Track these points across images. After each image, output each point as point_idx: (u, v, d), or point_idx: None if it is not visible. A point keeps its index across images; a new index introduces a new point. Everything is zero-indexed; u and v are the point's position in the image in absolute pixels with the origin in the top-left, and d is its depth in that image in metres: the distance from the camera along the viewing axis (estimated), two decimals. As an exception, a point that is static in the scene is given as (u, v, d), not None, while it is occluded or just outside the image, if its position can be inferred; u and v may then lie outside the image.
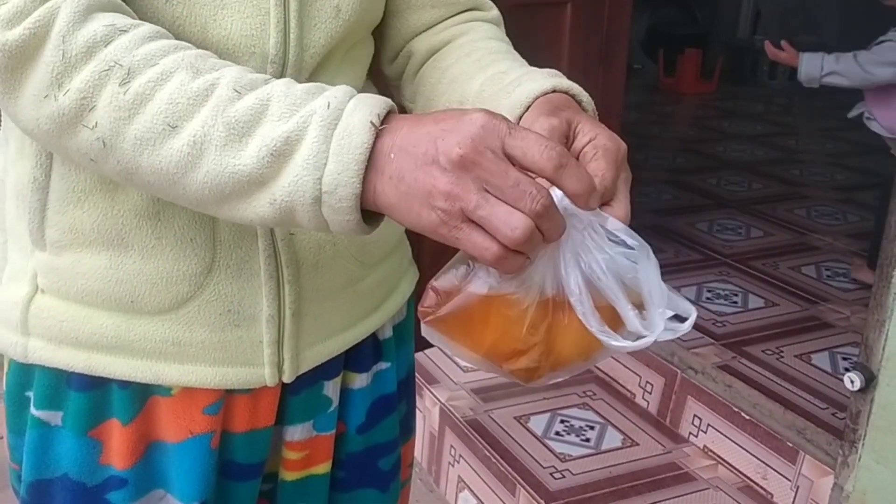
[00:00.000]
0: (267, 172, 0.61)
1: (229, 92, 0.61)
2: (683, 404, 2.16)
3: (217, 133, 0.61)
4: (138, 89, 0.61)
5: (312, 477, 0.92)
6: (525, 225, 0.56)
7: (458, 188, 0.56)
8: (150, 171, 0.63)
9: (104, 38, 0.62)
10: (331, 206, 0.60)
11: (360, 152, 0.59)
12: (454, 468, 2.18)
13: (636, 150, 4.17)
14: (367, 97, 0.62)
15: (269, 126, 0.61)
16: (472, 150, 0.56)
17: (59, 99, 0.62)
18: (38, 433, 0.81)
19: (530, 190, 0.56)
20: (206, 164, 0.62)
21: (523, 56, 2.30)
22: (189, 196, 0.64)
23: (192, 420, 0.81)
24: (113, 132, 0.62)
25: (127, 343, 0.78)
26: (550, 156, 0.57)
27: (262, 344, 0.81)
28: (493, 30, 0.90)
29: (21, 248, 0.80)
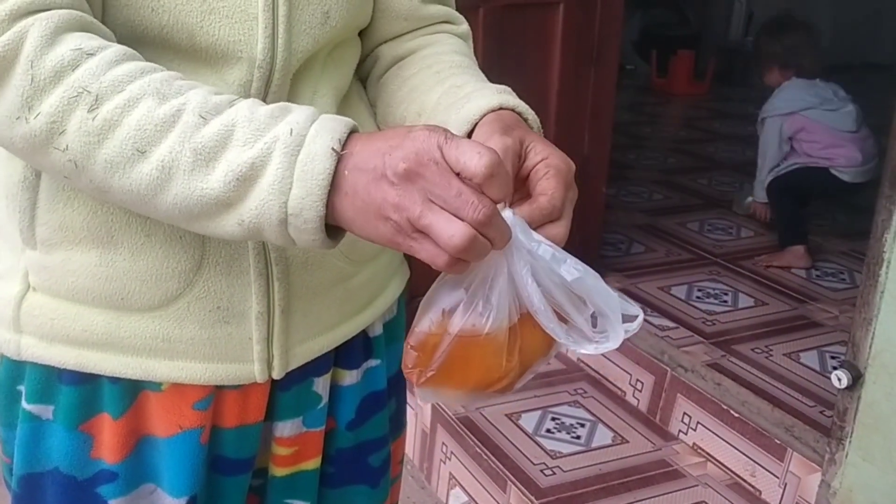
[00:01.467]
0: (234, 196, 0.63)
1: (195, 118, 0.63)
2: (673, 402, 2.18)
3: (185, 158, 0.63)
4: (106, 115, 0.63)
5: (302, 473, 0.93)
6: (463, 233, 0.58)
7: (405, 200, 0.59)
8: (121, 192, 0.66)
9: (71, 63, 0.63)
10: (296, 227, 0.63)
11: (322, 178, 0.62)
12: (446, 465, 2.19)
13: (628, 150, 4.19)
14: (328, 120, 0.64)
15: (235, 151, 0.63)
16: (416, 163, 0.59)
17: (30, 122, 0.64)
18: (30, 427, 0.82)
19: (472, 199, 0.58)
20: (174, 188, 0.64)
21: (514, 57, 2.32)
22: (160, 214, 0.67)
23: (181, 415, 0.82)
24: (83, 155, 0.64)
25: (117, 340, 0.79)
26: (481, 163, 0.59)
27: (251, 341, 0.82)
28: (459, 44, 0.91)
29: (12, 247, 0.80)
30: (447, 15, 0.92)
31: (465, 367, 0.65)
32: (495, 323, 0.63)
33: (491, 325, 0.63)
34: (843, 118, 2.83)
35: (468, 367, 0.65)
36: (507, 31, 2.12)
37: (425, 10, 0.89)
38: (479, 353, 0.64)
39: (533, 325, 0.64)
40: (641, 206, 3.44)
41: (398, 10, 0.88)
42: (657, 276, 2.74)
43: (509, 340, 0.64)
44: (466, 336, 0.64)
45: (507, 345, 0.63)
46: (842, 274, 2.84)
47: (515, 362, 0.64)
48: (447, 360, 0.64)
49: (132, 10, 0.71)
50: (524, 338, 0.64)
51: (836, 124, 2.83)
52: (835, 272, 2.85)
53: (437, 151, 0.59)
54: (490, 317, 0.63)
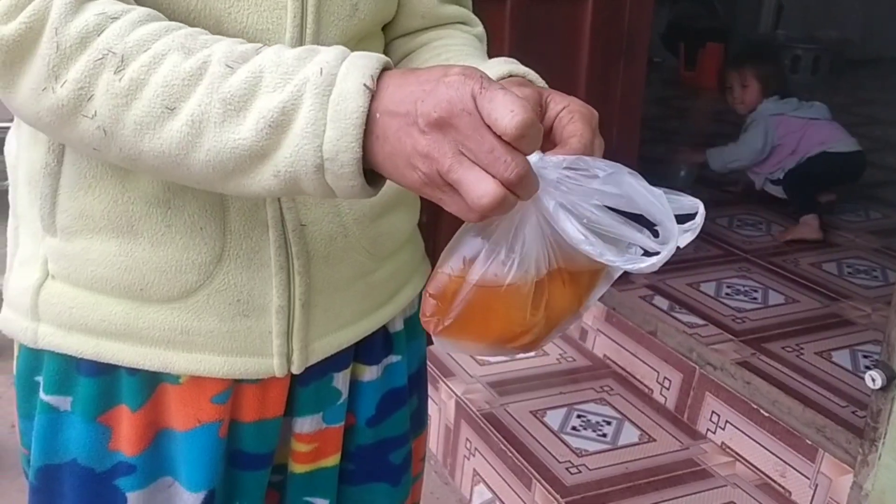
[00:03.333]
0: (267, 144, 0.60)
1: (221, 68, 0.61)
2: (701, 400, 2.14)
3: (214, 110, 0.61)
4: (132, 75, 0.61)
5: (322, 470, 0.91)
6: (493, 193, 0.55)
7: (435, 150, 0.56)
8: (153, 155, 0.63)
9: (96, 28, 0.62)
10: (334, 173, 0.60)
11: (356, 116, 0.59)
12: (469, 461, 2.17)
13: (655, 145, 4.14)
14: (359, 57, 0.61)
15: (265, 98, 0.60)
16: (448, 113, 0.56)
17: (57, 91, 0.62)
18: (48, 418, 0.81)
19: (504, 157, 0.55)
20: (206, 143, 0.61)
21: (541, 51, 2.29)
22: (194, 176, 0.64)
23: (200, 408, 0.81)
24: (112, 119, 0.62)
25: (136, 330, 0.78)
26: (514, 121, 0.55)
27: (271, 334, 0.80)
28: (471, 39, 0.90)
29: (32, 234, 0.80)
30: (463, 16, 0.92)
31: (485, 317, 0.62)
32: (518, 273, 0.60)
33: (514, 276, 0.61)
34: (817, 110, 3.23)
35: (489, 319, 0.62)
36: (534, 24, 2.09)
37: (443, 9, 0.89)
38: (500, 304, 0.61)
39: (562, 281, 0.62)
40: (669, 201, 3.39)
41: (417, 7, 0.88)
42: (686, 272, 2.70)
43: (535, 294, 0.61)
44: (487, 285, 0.61)
45: (531, 298, 0.61)
46: (874, 271, 2.78)
47: (541, 317, 0.61)
48: (466, 309, 0.62)
49: None
50: (552, 293, 0.62)
51: (813, 115, 3.22)
52: (867, 269, 2.80)
53: (470, 101, 0.56)
54: (513, 266, 0.61)
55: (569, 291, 0.62)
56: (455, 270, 0.62)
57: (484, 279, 0.61)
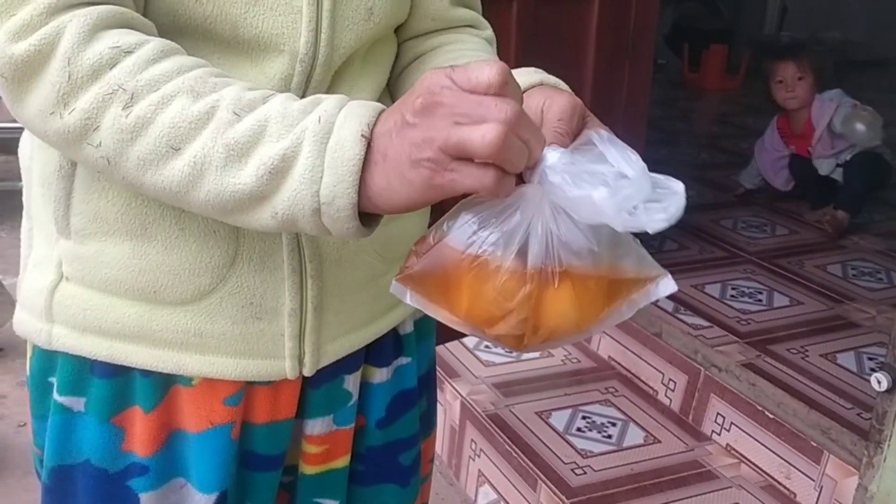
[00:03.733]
0: (266, 189, 0.62)
1: (229, 115, 0.63)
2: (706, 402, 2.14)
3: (217, 154, 0.63)
4: (140, 113, 0.63)
5: (332, 471, 0.92)
6: (495, 130, 0.56)
7: (429, 130, 0.58)
8: (154, 188, 0.65)
9: (109, 61, 0.63)
10: (330, 216, 0.62)
11: (353, 164, 0.61)
12: (475, 462, 2.17)
13: (660, 146, 4.14)
14: (357, 106, 0.63)
15: (267, 146, 0.62)
16: (429, 94, 0.58)
17: (65, 117, 0.63)
18: (61, 419, 0.82)
19: (494, 101, 0.56)
20: (207, 184, 0.63)
21: (548, 51, 2.29)
22: (194, 209, 0.67)
23: (212, 410, 0.82)
24: (116, 152, 0.64)
25: (149, 333, 0.78)
26: (490, 71, 0.57)
27: (283, 337, 0.81)
28: (482, 43, 0.91)
29: (46, 236, 0.80)
30: (473, 19, 0.92)
31: (457, 288, 0.62)
32: (484, 247, 0.61)
33: (477, 248, 0.61)
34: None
35: (460, 290, 0.62)
36: (540, 24, 2.09)
37: (453, 12, 0.89)
38: (469, 276, 0.61)
39: (560, 288, 0.61)
40: (674, 202, 3.39)
41: (427, 9, 0.88)
42: (690, 273, 2.70)
43: (512, 281, 0.60)
44: (450, 248, 0.62)
45: (505, 281, 0.60)
46: (879, 273, 2.79)
47: (515, 308, 0.61)
48: (437, 270, 0.62)
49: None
50: (544, 295, 0.61)
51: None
52: (871, 272, 2.80)
53: (446, 80, 0.58)
54: (481, 240, 0.61)
55: (566, 298, 0.61)
56: (437, 233, 0.63)
57: (450, 241, 0.62)
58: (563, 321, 0.63)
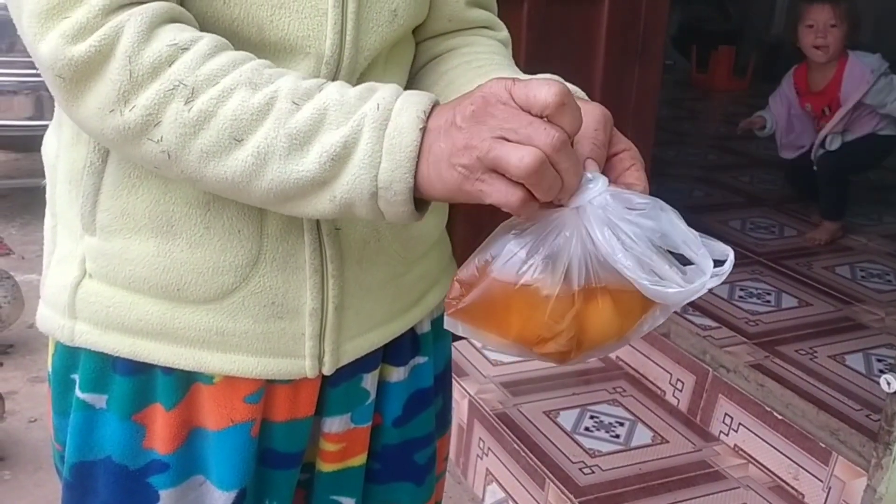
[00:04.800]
0: (328, 175, 0.65)
1: (288, 104, 0.65)
2: (714, 403, 2.15)
3: (280, 144, 0.65)
4: (202, 107, 0.64)
5: (349, 469, 0.93)
6: (534, 154, 0.58)
7: (473, 138, 0.60)
8: (215, 180, 0.67)
9: (168, 58, 0.64)
10: (387, 200, 0.65)
11: (410, 149, 0.63)
12: (482, 461, 2.18)
13: (667, 147, 4.15)
14: (412, 95, 0.65)
15: (328, 133, 0.65)
16: (483, 104, 0.60)
17: (125, 114, 0.65)
18: (83, 415, 0.83)
19: (544, 125, 0.58)
20: (270, 173, 0.65)
21: (558, 52, 2.30)
22: (253, 199, 0.69)
23: (233, 408, 0.82)
24: (178, 146, 0.66)
25: (171, 330, 0.79)
26: (551, 92, 0.59)
27: (304, 336, 0.82)
28: (497, 46, 0.92)
29: (71, 233, 0.81)
30: (488, 20, 0.93)
31: (506, 314, 0.65)
32: (538, 276, 0.63)
33: (531, 277, 0.63)
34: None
35: (510, 316, 0.64)
36: (551, 25, 2.10)
37: (469, 13, 0.90)
38: (518, 302, 0.63)
39: (601, 300, 0.63)
40: (682, 203, 3.36)
41: (444, 10, 0.89)
42: (698, 274, 2.70)
43: (561, 303, 0.62)
44: (502, 280, 0.64)
45: (554, 305, 0.62)
46: (888, 275, 2.79)
47: (566, 328, 0.63)
48: (486, 301, 0.64)
49: (205, 1, 0.72)
50: (587, 308, 0.63)
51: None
52: (880, 273, 2.80)
53: (504, 93, 0.60)
54: (530, 269, 0.63)
55: (607, 312, 0.64)
56: (480, 262, 0.65)
57: (500, 273, 0.64)
58: (604, 334, 0.65)
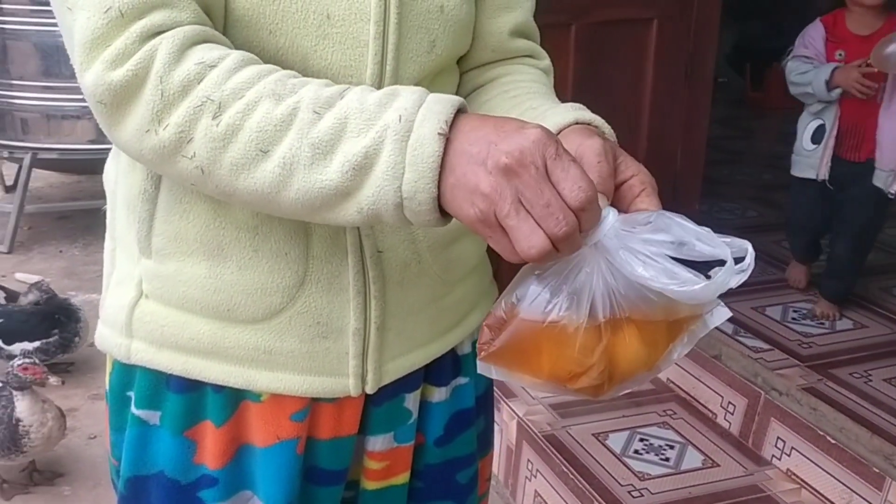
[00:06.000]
0: (351, 185, 0.66)
1: (310, 114, 0.66)
2: (767, 426, 2.12)
3: (304, 154, 0.66)
4: (229, 121, 0.67)
5: (392, 487, 0.95)
6: (541, 246, 0.60)
7: (496, 193, 0.61)
8: (247, 192, 0.69)
9: (197, 76, 0.67)
10: (412, 210, 0.65)
11: (432, 160, 0.64)
12: (531, 482, 2.18)
13: (720, 166, 4.11)
14: (435, 103, 0.66)
15: (350, 143, 0.66)
16: (517, 162, 0.60)
17: (160, 133, 0.68)
18: (138, 431, 0.86)
19: (558, 215, 0.60)
20: (296, 183, 0.67)
21: (606, 73, 2.30)
22: (284, 210, 0.70)
23: (279, 426, 0.85)
24: (210, 160, 0.68)
25: (222, 349, 0.82)
26: (579, 197, 0.60)
27: (347, 356, 0.84)
28: (538, 74, 0.93)
29: (129, 255, 0.85)
30: (531, 49, 0.94)
31: (537, 354, 0.66)
32: (563, 313, 0.64)
33: (557, 315, 0.64)
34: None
35: (540, 355, 0.66)
36: (598, 47, 2.12)
37: (512, 43, 0.92)
38: (548, 341, 0.65)
39: (628, 331, 0.65)
40: (734, 223, 3.36)
41: (488, 41, 0.90)
42: (751, 295, 2.67)
43: (589, 337, 0.64)
44: (529, 319, 0.65)
45: (583, 340, 0.64)
46: (947, 297, 2.72)
47: (596, 362, 0.64)
48: (516, 342, 0.65)
49: (251, 31, 0.75)
50: (615, 341, 0.64)
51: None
52: (940, 295, 2.73)
53: (540, 159, 0.61)
54: (556, 306, 0.64)
55: (635, 342, 0.65)
56: (507, 305, 0.67)
57: (527, 314, 0.65)
58: (634, 365, 0.66)
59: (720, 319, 0.66)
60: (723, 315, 0.66)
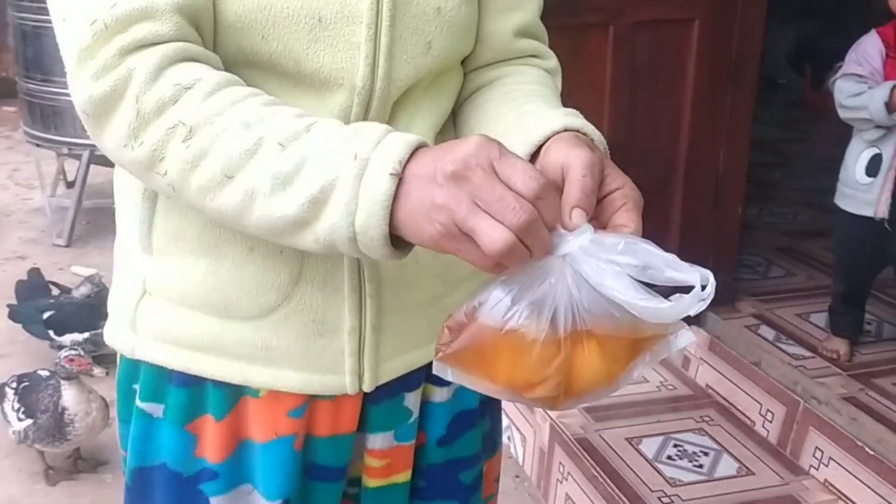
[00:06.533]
0: (308, 216, 0.67)
1: (274, 146, 0.68)
2: (805, 435, 2.08)
3: (265, 183, 0.68)
4: (198, 144, 0.69)
5: (393, 485, 0.95)
6: (505, 238, 0.59)
7: (451, 201, 0.61)
8: (215, 213, 0.72)
9: (171, 98, 0.69)
10: (365, 244, 0.67)
11: (383, 199, 0.65)
12: (562, 485, 2.17)
13: (773, 169, 4.03)
14: (392, 143, 0.66)
15: (308, 177, 0.67)
16: (464, 167, 0.61)
17: (136, 150, 0.71)
18: (142, 423, 0.88)
19: (514, 205, 0.60)
20: (257, 210, 0.69)
21: (645, 75, 2.26)
22: (250, 231, 0.72)
23: (277, 422, 0.86)
24: (180, 180, 0.70)
25: (221, 345, 0.84)
26: (531, 186, 0.61)
27: (343, 354, 0.85)
28: (541, 75, 0.92)
29: (133, 253, 0.87)
30: (537, 49, 0.94)
31: (494, 360, 0.66)
32: (520, 321, 0.64)
33: (516, 323, 0.64)
34: None
35: (497, 362, 0.66)
36: (637, 48, 2.09)
37: (517, 43, 0.91)
38: (505, 349, 0.65)
39: (587, 348, 0.64)
40: (784, 227, 3.29)
41: (491, 42, 0.90)
42: (796, 301, 2.62)
43: (547, 349, 0.64)
44: (488, 326, 0.65)
45: (540, 351, 0.64)
46: None
47: (552, 374, 0.64)
48: (474, 347, 0.65)
49: (244, 36, 0.76)
50: (574, 356, 0.64)
51: None
52: None
53: (486, 160, 0.61)
54: (516, 314, 0.64)
55: (594, 357, 0.64)
56: (468, 308, 0.66)
57: (487, 319, 0.65)
58: (593, 380, 0.66)
59: (684, 342, 0.66)
60: (687, 338, 0.66)
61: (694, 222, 2.35)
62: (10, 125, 5.35)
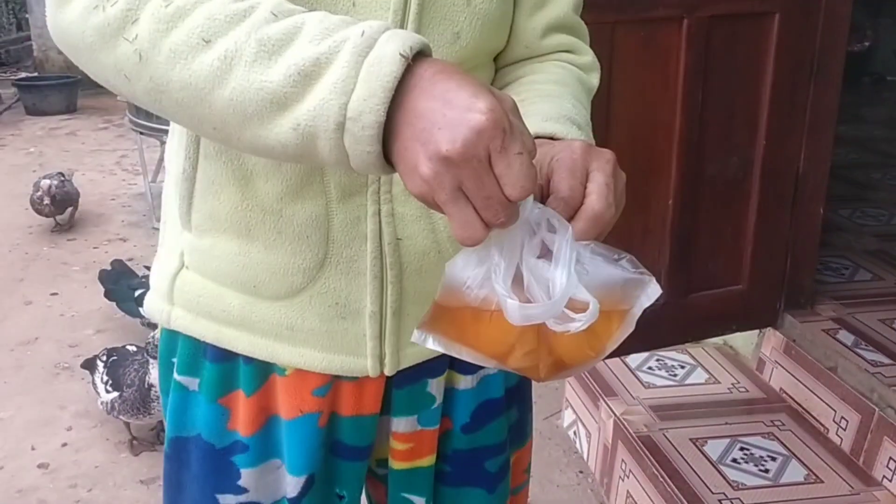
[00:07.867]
0: (292, 92, 0.61)
1: (267, 14, 0.63)
2: (879, 445, 2.00)
3: (248, 49, 0.62)
4: (180, 4, 0.65)
5: (418, 469, 0.98)
6: (480, 237, 0.60)
7: (435, 181, 0.58)
8: (180, 86, 0.65)
9: None
10: (354, 135, 0.60)
11: (388, 80, 0.59)
12: (624, 483, 2.15)
13: (873, 169, 3.87)
14: (401, 32, 0.62)
15: (301, 47, 0.62)
16: (459, 155, 0.57)
17: (107, 10, 0.66)
18: (179, 395, 0.94)
19: (497, 208, 0.59)
20: (233, 80, 0.63)
21: (721, 71, 2.19)
22: (214, 115, 0.65)
23: (302, 399, 0.90)
24: (150, 44, 0.65)
25: (250, 322, 0.88)
26: (520, 194, 0.58)
27: (365, 337, 0.88)
28: (565, 74, 0.90)
29: (174, 229, 0.92)
30: (571, 45, 0.93)
31: (463, 328, 0.65)
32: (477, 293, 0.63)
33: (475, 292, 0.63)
34: None
35: (466, 330, 0.65)
36: (713, 43, 2.04)
37: (547, 39, 0.91)
38: (470, 318, 0.64)
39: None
40: (877, 229, 3.16)
41: (522, 37, 0.90)
42: (880, 307, 2.51)
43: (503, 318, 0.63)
44: (453, 293, 0.64)
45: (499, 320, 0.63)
46: None
47: (517, 342, 0.64)
48: (445, 314, 0.65)
49: None
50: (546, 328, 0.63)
51: None
52: None
53: (484, 154, 0.57)
54: (475, 282, 0.63)
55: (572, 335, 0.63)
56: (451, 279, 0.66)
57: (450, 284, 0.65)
58: (569, 350, 0.66)
59: (653, 296, 0.65)
60: (655, 292, 0.65)
61: (771, 223, 2.28)
62: (122, 114, 5.62)
